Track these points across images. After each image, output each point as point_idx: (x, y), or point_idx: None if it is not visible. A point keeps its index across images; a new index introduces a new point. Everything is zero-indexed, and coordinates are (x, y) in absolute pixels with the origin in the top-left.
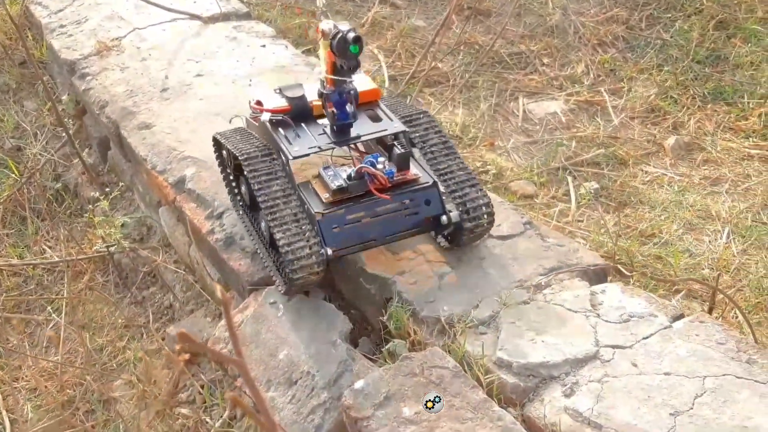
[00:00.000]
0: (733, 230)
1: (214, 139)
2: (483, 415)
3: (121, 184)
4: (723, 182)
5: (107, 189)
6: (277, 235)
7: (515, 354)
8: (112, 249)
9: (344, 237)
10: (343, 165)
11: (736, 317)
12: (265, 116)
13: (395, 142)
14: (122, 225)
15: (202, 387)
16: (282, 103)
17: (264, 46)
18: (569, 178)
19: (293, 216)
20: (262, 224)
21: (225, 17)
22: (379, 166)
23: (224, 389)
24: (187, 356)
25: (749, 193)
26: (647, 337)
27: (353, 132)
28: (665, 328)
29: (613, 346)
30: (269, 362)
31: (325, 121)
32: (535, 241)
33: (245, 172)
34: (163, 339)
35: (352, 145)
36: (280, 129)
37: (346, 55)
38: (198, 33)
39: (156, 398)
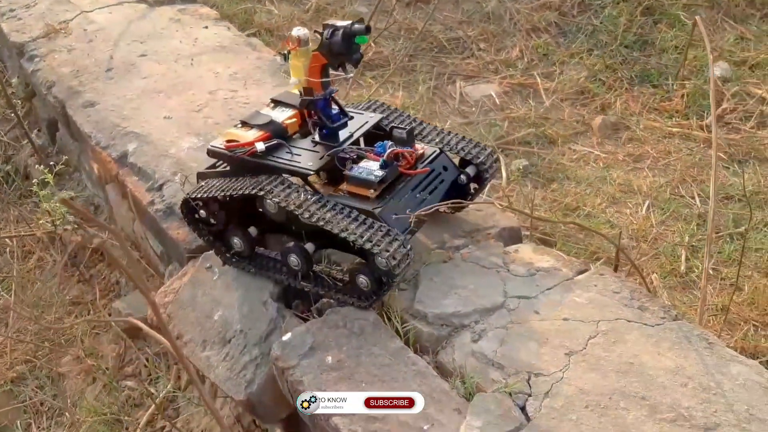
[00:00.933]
0: (653, 203)
1: (186, 202)
2: (399, 361)
3: (65, 157)
4: (645, 159)
5: (51, 163)
6: (360, 242)
7: (430, 306)
8: (57, 223)
9: (404, 221)
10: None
11: (652, 282)
12: (260, 146)
13: (392, 125)
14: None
15: (147, 360)
16: (256, 133)
17: (206, 27)
18: (501, 156)
19: (357, 220)
20: (291, 258)
21: (170, 1)
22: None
23: (168, 362)
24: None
25: (669, 169)
26: (550, 288)
27: (344, 134)
28: (568, 280)
29: (519, 297)
30: (205, 323)
31: (305, 135)
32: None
33: (273, 203)
34: (109, 314)
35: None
36: (271, 156)
37: (350, 48)
38: (143, 15)
39: (103, 372)
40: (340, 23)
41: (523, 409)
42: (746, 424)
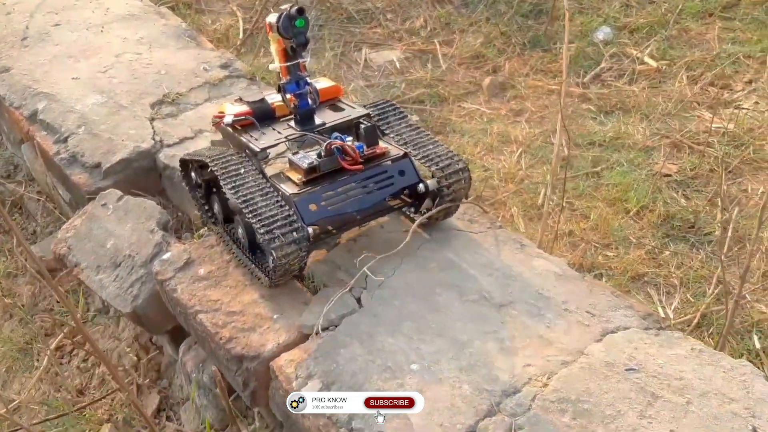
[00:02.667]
0: (525, 150)
1: (182, 162)
2: None
3: None
4: (525, 113)
5: None
6: (256, 224)
7: None
8: None
9: (323, 215)
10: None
11: (512, 216)
12: (228, 119)
13: (360, 120)
14: None
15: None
16: (244, 108)
17: None
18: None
19: (269, 201)
20: (239, 231)
21: None
22: (348, 140)
23: (78, 298)
24: None
25: (544, 121)
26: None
27: (317, 121)
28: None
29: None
30: (99, 251)
31: (289, 119)
32: None
33: (214, 170)
34: (25, 260)
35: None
36: (245, 131)
37: (293, 32)
38: None
39: (19, 308)
40: (284, 7)
41: (358, 300)
42: (534, 301)
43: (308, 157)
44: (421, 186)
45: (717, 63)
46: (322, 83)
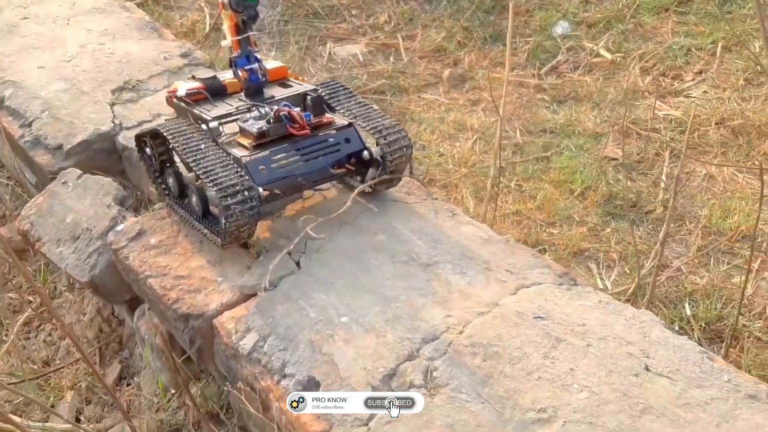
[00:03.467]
0: (480, 137)
1: (137, 138)
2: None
3: None
4: (482, 102)
5: None
6: (210, 184)
7: None
8: None
9: (272, 177)
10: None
11: (462, 197)
12: (182, 92)
13: (308, 93)
14: None
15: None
16: (195, 84)
17: None
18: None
19: (222, 164)
20: (194, 199)
21: None
22: (296, 109)
23: (45, 276)
24: None
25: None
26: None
27: (267, 95)
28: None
29: (315, 190)
30: (59, 226)
31: (240, 94)
32: None
33: (168, 137)
34: None
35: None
36: (198, 104)
37: (244, 5)
38: None
39: None
40: None
41: (298, 263)
42: (458, 261)
43: (258, 123)
44: (365, 153)
45: (669, 55)
46: (270, 64)
